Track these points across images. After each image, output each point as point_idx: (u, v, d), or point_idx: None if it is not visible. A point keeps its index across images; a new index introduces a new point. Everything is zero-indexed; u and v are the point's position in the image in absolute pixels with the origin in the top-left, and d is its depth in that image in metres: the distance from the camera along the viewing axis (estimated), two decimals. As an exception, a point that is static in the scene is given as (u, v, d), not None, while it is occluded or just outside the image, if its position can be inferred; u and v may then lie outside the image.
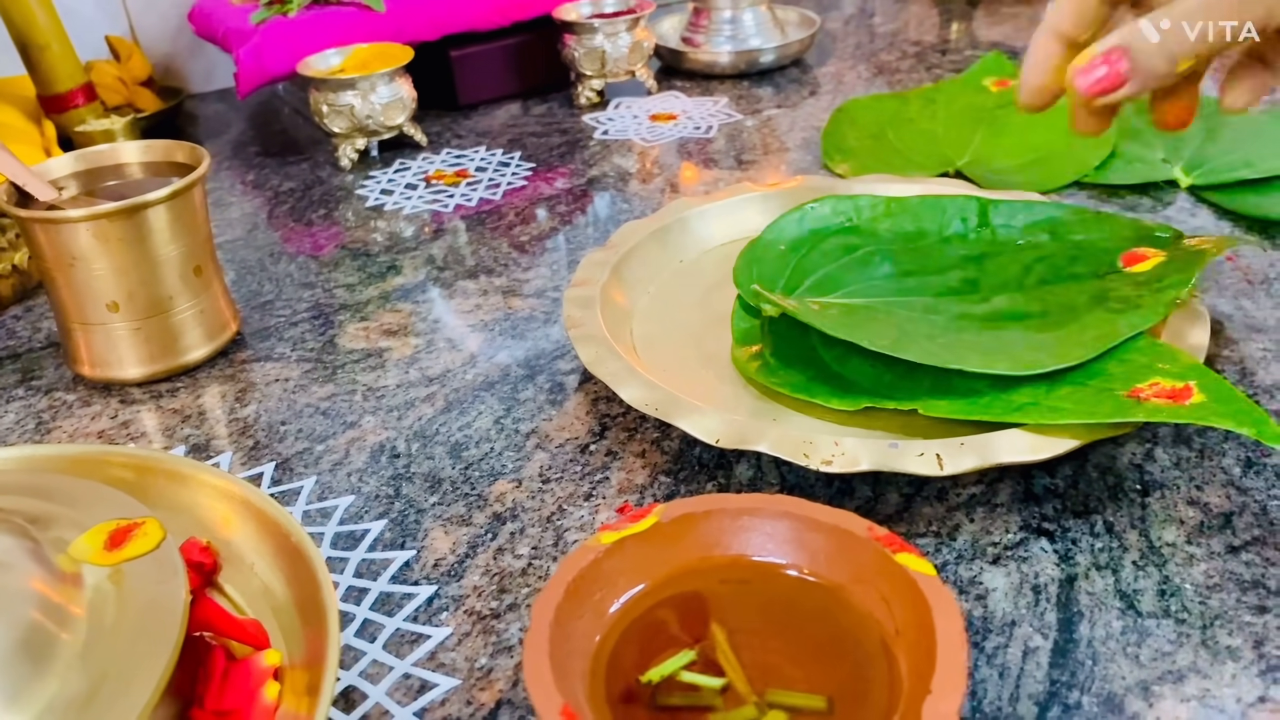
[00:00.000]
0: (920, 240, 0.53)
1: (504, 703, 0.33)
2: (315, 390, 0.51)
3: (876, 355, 0.45)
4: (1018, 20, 1.02)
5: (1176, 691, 0.32)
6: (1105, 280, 0.48)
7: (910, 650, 0.29)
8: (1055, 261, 0.50)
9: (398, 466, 0.45)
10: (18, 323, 0.59)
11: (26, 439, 0.48)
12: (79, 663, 0.29)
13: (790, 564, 0.32)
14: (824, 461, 0.38)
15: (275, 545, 0.36)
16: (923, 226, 0.54)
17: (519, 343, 0.53)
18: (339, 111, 0.75)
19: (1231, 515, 0.38)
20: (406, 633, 0.36)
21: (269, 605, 0.36)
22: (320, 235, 0.68)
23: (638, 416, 0.46)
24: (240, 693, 0.32)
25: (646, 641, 0.31)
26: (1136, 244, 0.50)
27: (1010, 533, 0.38)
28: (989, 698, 0.32)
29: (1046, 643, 0.34)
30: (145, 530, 0.33)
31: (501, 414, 0.48)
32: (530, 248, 0.63)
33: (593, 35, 0.83)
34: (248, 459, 0.46)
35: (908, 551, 0.31)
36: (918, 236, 0.53)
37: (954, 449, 0.38)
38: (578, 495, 0.42)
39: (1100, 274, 0.49)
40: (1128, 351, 0.42)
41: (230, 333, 0.54)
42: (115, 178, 0.54)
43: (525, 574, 0.38)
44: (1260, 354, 0.48)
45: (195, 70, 0.98)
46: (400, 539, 0.41)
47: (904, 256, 0.52)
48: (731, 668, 0.30)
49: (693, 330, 0.51)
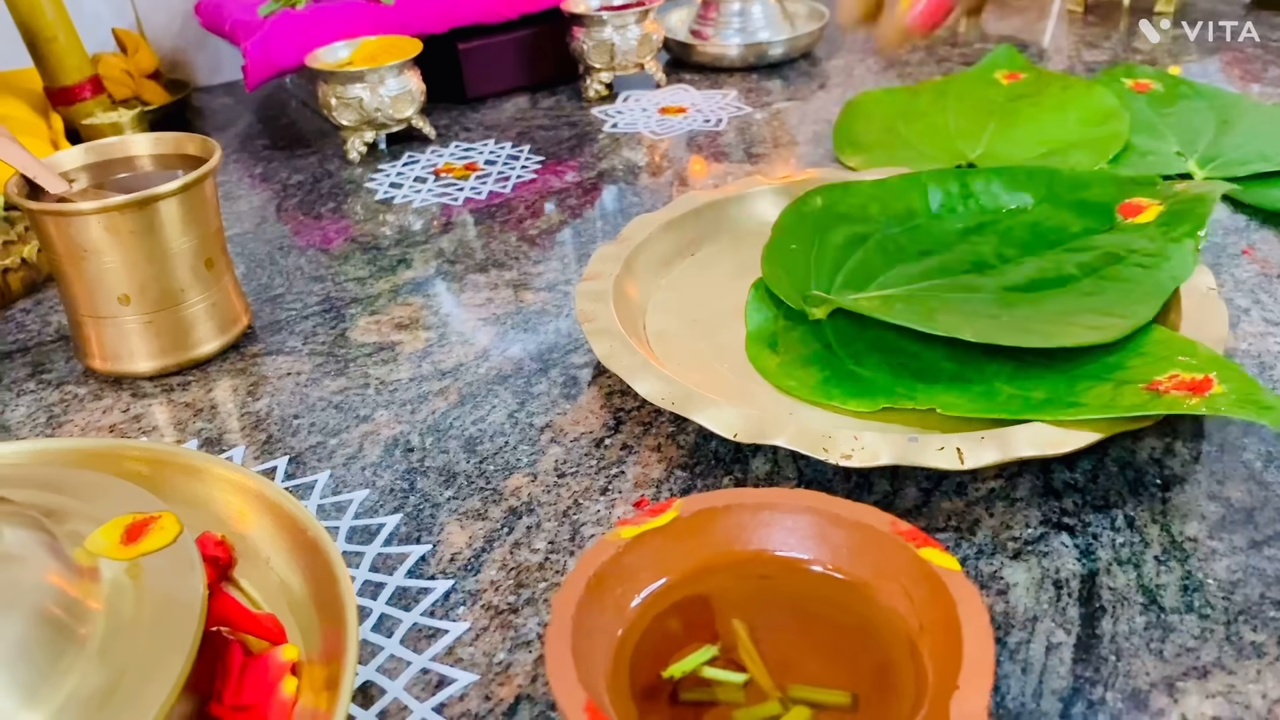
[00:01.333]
0: (913, 219, 0.54)
1: (523, 698, 0.33)
2: (327, 384, 0.50)
3: (892, 353, 0.45)
4: (1028, 14, 1.02)
5: (1201, 687, 0.32)
6: (1113, 234, 0.49)
7: (935, 646, 0.29)
8: (1054, 222, 0.51)
9: (412, 460, 0.44)
10: (27, 316, 0.59)
11: (38, 432, 0.48)
12: (97, 657, 0.29)
13: (813, 559, 0.32)
14: (844, 456, 0.38)
15: (291, 540, 0.36)
16: (910, 205, 0.55)
17: (531, 336, 0.53)
18: (347, 104, 0.75)
19: (1253, 510, 0.38)
20: (424, 627, 0.36)
21: (285, 600, 0.35)
22: (330, 228, 0.67)
23: (652, 410, 0.46)
24: (258, 687, 0.32)
25: (668, 637, 0.31)
26: (1125, 195, 0.51)
27: (1030, 527, 0.38)
28: (1012, 693, 0.32)
29: (1069, 638, 0.34)
30: (162, 524, 0.33)
31: (515, 408, 0.47)
32: (540, 241, 0.63)
33: (601, 28, 0.83)
34: (261, 453, 0.46)
35: (931, 546, 0.30)
36: (909, 216, 0.54)
37: (974, 443, 0.38)
38: (593, 489, 0.42)
39: (1104, 229, 0.49)
40: (1146, 343, 0.42)
41: (241, 326, 0.54)
42: (126, 170, 0.53)
43: (542, 569, 0.38)
44: (1278, 347, 0.47)
45: (202, 63, 0.98)
46: (416, 533, 0.40)
47: (907, 238, 0.52)
48: (754, 663, 0.30)
49: (706, 324, 0.51)
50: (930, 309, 0.46)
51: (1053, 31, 0.96)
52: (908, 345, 0.46)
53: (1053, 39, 0.94)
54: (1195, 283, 0.46)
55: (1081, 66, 0.86)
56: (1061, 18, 0.99)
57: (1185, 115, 0.70)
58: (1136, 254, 0.47)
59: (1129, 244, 0.48)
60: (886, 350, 0.46)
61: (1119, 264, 0.47)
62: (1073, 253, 0.49)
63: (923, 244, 0.52)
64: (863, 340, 0.47)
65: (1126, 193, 0.52)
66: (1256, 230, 0.57)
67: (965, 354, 0.44)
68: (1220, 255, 0.55)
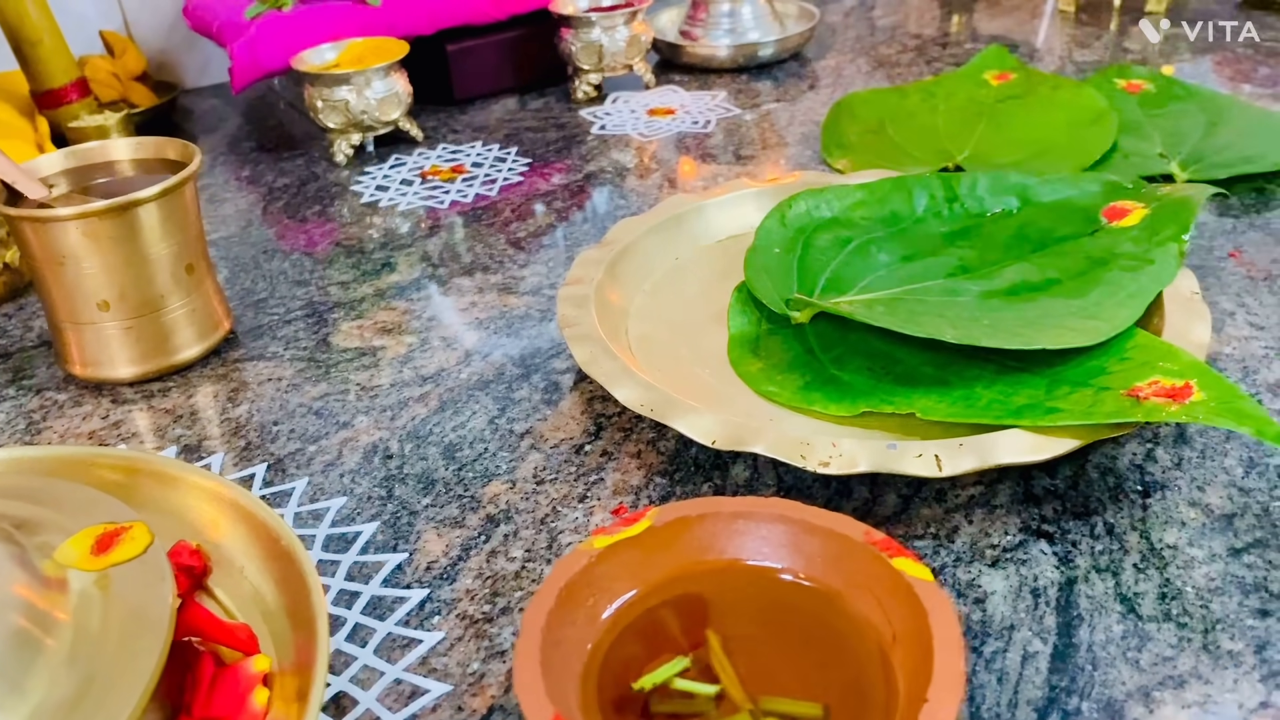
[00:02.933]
0: (898, 223, 0.54)
1: (496, 709, 0.33)
2: (308, 390, 0.50)
3: (873, 358, 0.45)
4: (1019, 13, 1.01)
5: (1178, 697, 0.31)
6: (1097, 238, 0.49)
7: (907, 657, 0.28)
8: (1039, 225, 0.51)
9: (390, 467, 0.44)
10: (9, 321, 0.59)
11: (17, 439, 0.48)
12: (64, 669, 0.28)
13: (785, 568, 0.32)
14: (821, 463, 0.38)
15: (265, 549, 0.36)
16: (894, 209, 0.54)
17: (514, 341, 0.53)
18: (334, 107, 0.74)
19: (1233, 517, 0.38)
20: (398, 637, 0.36)
21: (259, 609, 0.35)
22: (315, 232, 0.67)
23: (633, 417, 0.46)
24: (229, 699, 0.31)
25: (640, 648, 0.31)
26: (1108, 198, 0.51)
27: (1009, 535, 0.38)
28: (987, 703, 0.32)
29: (1046, 647, 0.33)
30: (132, 535, 0.33)
31: (496, 414, 0.47)
32: (527, 244, 0.63)
33: (590, 29, 0.83)
34: (240, 459, 0.46)
35: (905, 556, 0.30)
36: (894, 220, 0.54)
37: (953, 450, 0.37)
38: (572, 497, 0.42)
39: (1089, 232, 0.49)
40: (1128, 349, 0.42)
41: (223, 332, 0.54)
42: (106, 175, 0.53)
43: (518, 577, 0.38)
44: (1262, 352, 0.47)
45: (190, 65, 0.97)
46: (393, 541, 0.40)
47: (892, 242, 0.52)
48: (726, 675, 0.30)
49: (689, 329, 0.51)
50: (913, 312, 0.46)
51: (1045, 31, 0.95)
52: (890, 349, 0.45)
53: (1045, 38, 0.93)
54: (1179, 286, 0.46)
55: (1073, 67, 0.85)
56: (1053, 17, 0.99)
57: (1174, 116, 0.69)
58: (1121, 258, 0.47)
59: (1113, 248, 0.48)
60: (868, 355, 0.46)
61: (1103, 268, 0.47)
62: (1057, 257, 0.49)
63: (907, 248, 0.52)
64: (844, 344, 0.47)
65: (1111, 196, 0.51)
66: (1243, 233, 0.57)
67: (947, 359, 0.44)
68: (1207, 258, 0.55)
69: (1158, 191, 0.51)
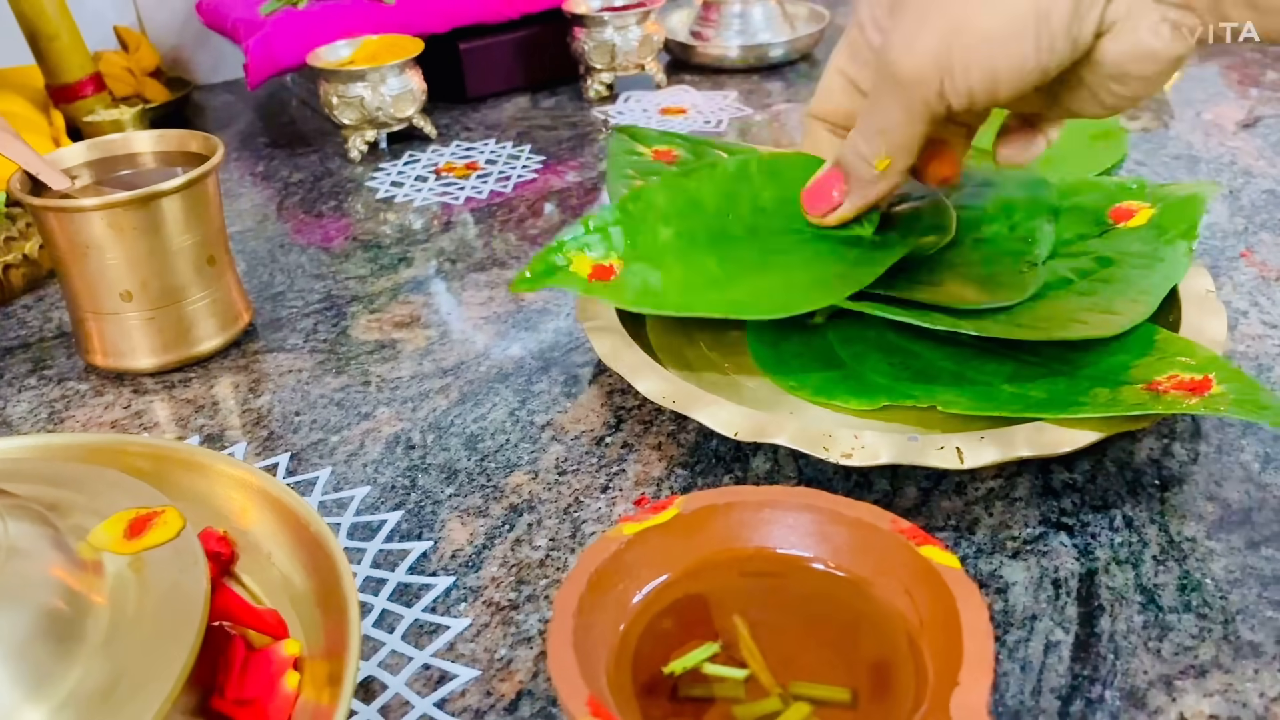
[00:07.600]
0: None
1: (524, 694, 0.33)
2: (329, 381, 0.50)
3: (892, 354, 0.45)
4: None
5: (1199, 686, 0.32)
6: (1105, 239, 0.49)
7: (935, 643, 0.29)
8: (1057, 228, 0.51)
9: (413, 458, 0.45)
10: (28, 312, 0.59)
11: (39, 428, 0.48)
12: (102, 651, 0.29)
13: (813, 557, 0.32)
14: (844, 455, 0.38)
15: (293, 535, 0.36)
16: None
17: (532, 335, 0.53)
18: (349, 103, 0.75)
19: (1251, 511, 0.38)
20: (425, 623, 0.36)
21: (287, 595, 0.35)
22: (330, 227, 0.67)
23: (653, 409, 0.46)
24: (260, 682, 0.32)
25: (669, 633, 0.31)
26: (1115, 199, 0.51)
27: (1029, 527, 0.38)
28: (1011, 691, 0.32)
29: (1068, 637, 0.34)
30: (164, 519, 0.33)
31: (516, 406, 0.47)
32: (541, 240, 0.63)
33: (603, 28, 0.83)
34: (262, 449, 0.46)
35: (931, 544, 0.31)
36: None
37: (974, 442, 0.38)
38: (594, 487, 0.42)
39: (1097, 234, 0.50)
40: (1146, 344, 0.42)
41: (243, 323, 0.54)
42: (128, 167, 0.53)
43: (543, 565, 0.38)
44: (1276, 350, 0.47)
45: (203, 61, 0.98)
46: (417, 530, 0.40)
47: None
48: (754, 660, 0.30)
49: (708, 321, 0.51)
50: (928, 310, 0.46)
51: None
52: (909, 345, 0.46)
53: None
54: (1194, 285, 0.46)
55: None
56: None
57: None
58: (1131, 256, 0.47)
59: (1123, 248, 0.48)
60: (888, 350, 0.46)
61: (1113, 266, 0.47)
62: (1067, 259, 0.49)
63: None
64: (864, 340, 0.47)
65: (1116, 197, 0.51)
66: (1254, 234, 0.58)
67: (966, 355, 0.44)
68: (1219, 258, 0.55)
69: (1162, 190, 0.51)
